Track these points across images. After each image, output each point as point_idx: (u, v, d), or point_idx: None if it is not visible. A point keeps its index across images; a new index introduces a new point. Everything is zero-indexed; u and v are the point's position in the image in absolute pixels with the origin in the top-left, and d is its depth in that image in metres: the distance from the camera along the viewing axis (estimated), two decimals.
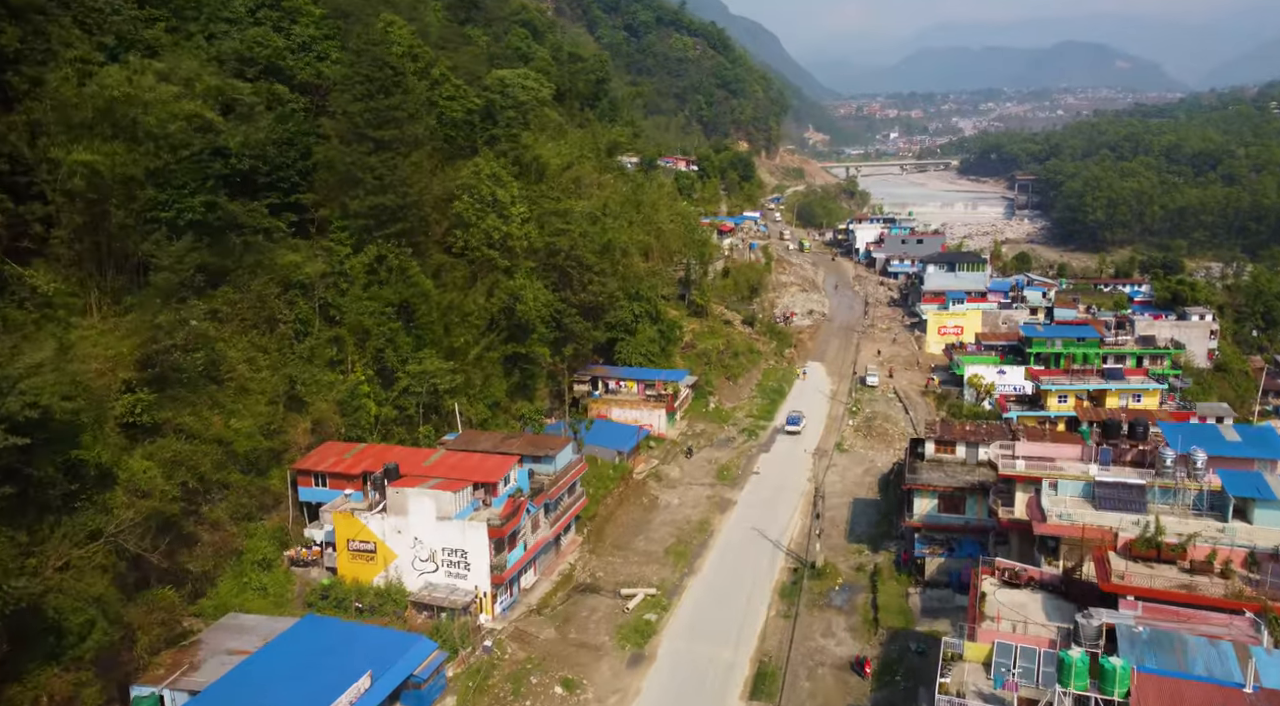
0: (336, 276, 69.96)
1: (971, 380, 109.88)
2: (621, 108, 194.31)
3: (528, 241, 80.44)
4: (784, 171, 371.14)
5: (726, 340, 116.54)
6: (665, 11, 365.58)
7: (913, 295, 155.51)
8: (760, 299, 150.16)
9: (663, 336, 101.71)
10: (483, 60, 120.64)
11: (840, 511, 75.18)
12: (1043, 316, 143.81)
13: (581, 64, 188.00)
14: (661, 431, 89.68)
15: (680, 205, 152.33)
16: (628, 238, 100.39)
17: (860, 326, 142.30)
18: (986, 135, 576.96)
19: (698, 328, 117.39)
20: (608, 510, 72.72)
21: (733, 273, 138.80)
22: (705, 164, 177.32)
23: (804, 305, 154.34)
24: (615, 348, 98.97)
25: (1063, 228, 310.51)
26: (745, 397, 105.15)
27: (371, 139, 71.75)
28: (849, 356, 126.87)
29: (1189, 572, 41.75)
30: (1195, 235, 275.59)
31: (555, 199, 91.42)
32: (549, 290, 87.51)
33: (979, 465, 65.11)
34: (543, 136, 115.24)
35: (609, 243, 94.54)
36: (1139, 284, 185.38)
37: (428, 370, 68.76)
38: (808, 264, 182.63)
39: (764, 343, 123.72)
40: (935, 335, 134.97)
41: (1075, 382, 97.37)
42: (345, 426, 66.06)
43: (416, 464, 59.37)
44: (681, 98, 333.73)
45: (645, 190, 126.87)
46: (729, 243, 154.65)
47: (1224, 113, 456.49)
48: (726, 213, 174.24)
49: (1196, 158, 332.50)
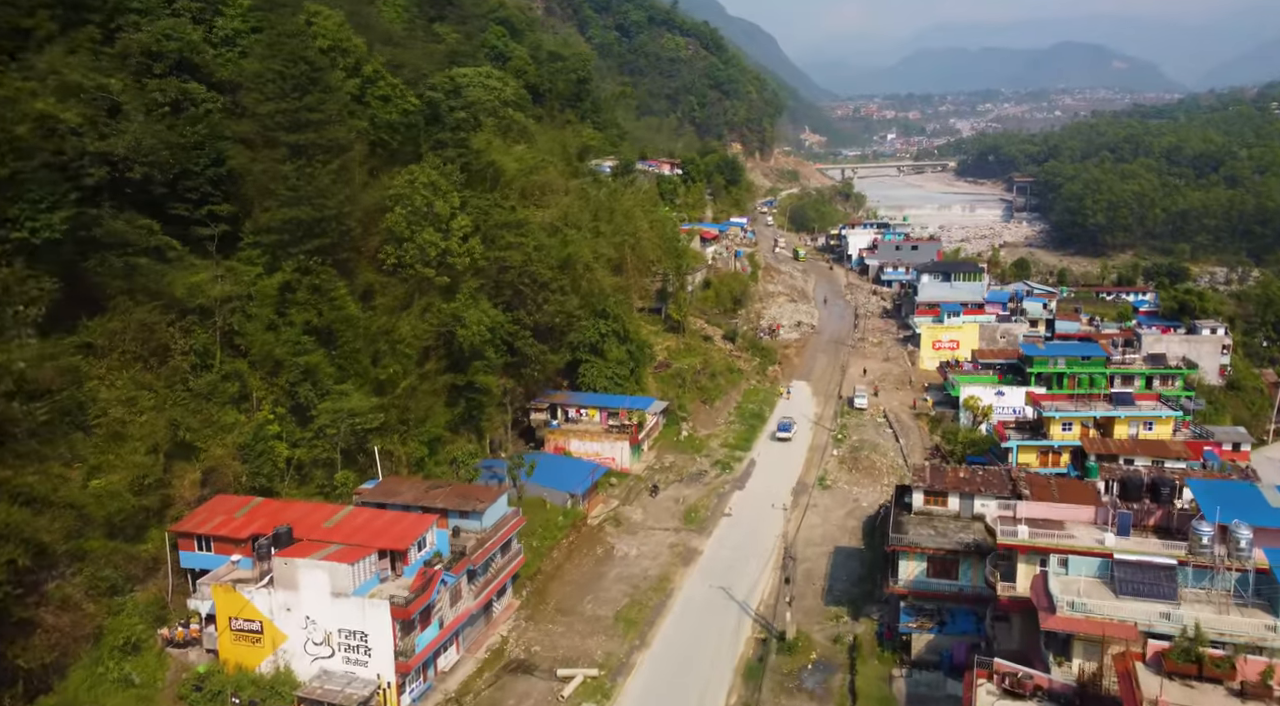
0: (245, 300, 61.00)
1: (967, 402, 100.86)
2: (604, 108, 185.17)
3: (471, 258, 71.33)
4: (778, 174, 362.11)
5: (704, 358, 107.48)
6: (657, 11, 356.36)
7: (906, 306, 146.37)
8: (745, 310, 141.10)
9: (632, 357, 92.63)
10: (441, 58, 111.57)
11: (818, 563, 66.13)
12: (1043, 328, 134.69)
13: (562, 63, 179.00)
14: (625, 466, 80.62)
15: (661, 211, 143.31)
16: (593, 250, 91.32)
17: (850, 340, 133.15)
18: (984, 136, 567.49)
19: (674, 345, 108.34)
20: (554, 564, 63.70)
21: (714, 284, 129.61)
22: (690, 167, 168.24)
23: (792, 317, 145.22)
24: (579, 371, 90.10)
25: (1062, 231, 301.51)
26: (722, 423, 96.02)
27: (285, 144, 62.75)
28: (837, 374, 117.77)
29: (1240, 696, 32.69)
30: (1198, 239, 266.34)
31: (509, 209, 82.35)
32: (500, 310, 78.69)
33: (974, 519, 56.07)
34: (507, 139, 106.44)
35: (570, 256, 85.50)
36: (1143, 292, 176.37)
37: (346, 408, 59.75)
38: (797, 272, 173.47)
39: (746, 360, 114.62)
40: (929, 350, 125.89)
41: (1081, 409, 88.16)
42: (248, 474, 57.12)
43: (316, 524, 50.31)
44: (674, 99, 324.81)
45: (620, 196, 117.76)
46: (713, 251, 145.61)
47: (1224, 113, 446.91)
48: (712, 218, 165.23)
49: (1198, 159, 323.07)
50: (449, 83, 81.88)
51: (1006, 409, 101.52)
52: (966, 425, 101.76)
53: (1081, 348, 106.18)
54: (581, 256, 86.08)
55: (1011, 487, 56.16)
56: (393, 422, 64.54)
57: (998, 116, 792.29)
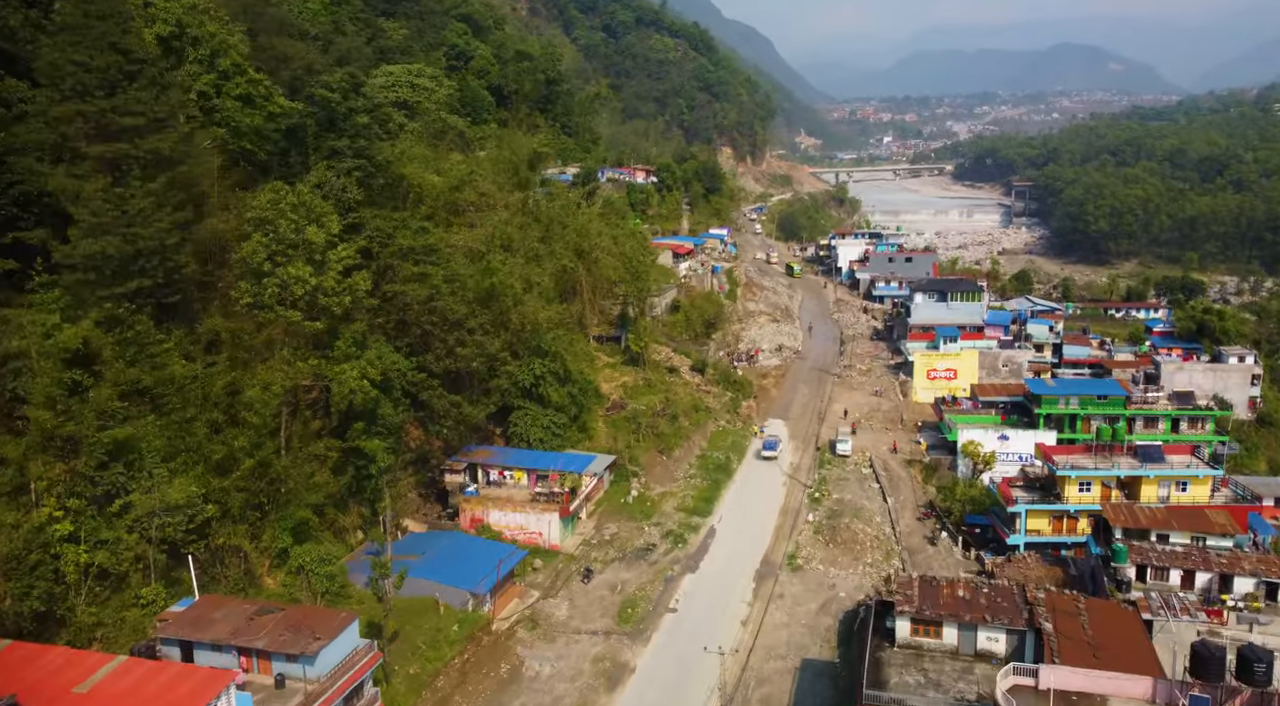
0: (34, 359, 46.52)
1: (966, 448, 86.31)
2: (576, 111, 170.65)
3: (353, 296, 56.74)
4: (770, 178, 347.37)
5: (667, 396, 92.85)
6: (646, 12, 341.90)
7: (898, 328, 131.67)
8: (722, 332, 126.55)
9: (575, 402, 78.17)
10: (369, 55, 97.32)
11: (781, 683, 51.63)
12: (1049, 354, 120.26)
13: (529, 63, 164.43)
14: (554, 542, 66.02)
15: (630, 224, 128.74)
16: (526, 276, 76.79)
17: (836, 368, 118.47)
18: (981, 139, 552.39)
19: (631, 381, 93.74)
20: (440, 695, 49.12)
21: (685, 306, 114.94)
22: (665, 175, 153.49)
23: (773, 339, 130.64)
24: (510, 419, 75.67)
25: (1063, 237, 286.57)
26: (680, 478, 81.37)
27: (90, 156, 48.29)
28: (820, 407, 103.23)
29: None
30: (1207, 247, 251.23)
31: (417, 231, 67.78)
32: (404, 355, 64.29)
33: (978, 657, 41.53)
34: (440, 147, 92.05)
35: (494, 287, 70.94)
36: (1155, 308, 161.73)
37: (159, 502, 45.29)
38: (782, 287, 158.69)
39: (716, 395, 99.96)
40: (923, 380, 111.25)
41: (1100, 465, 73.41)
42: (14, 595, 42.61)
43: (64, 689, 35.73)
44: (662, 101, 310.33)
45: (576, 210, 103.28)
46: (686, 267, 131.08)
47: (1226, 116, 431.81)
48: (688, 230, 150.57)
49: (1202, 163, 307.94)
50: (347, 80, 67.34)
51: (1011, 456, 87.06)
52: (965, 474, 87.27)
53: (1097, 385, 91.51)
54: (508, 287, 71.41)
55: (1027, 614, 41.61)
56: (236, 510, 50.00)
57: (995, 119, 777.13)
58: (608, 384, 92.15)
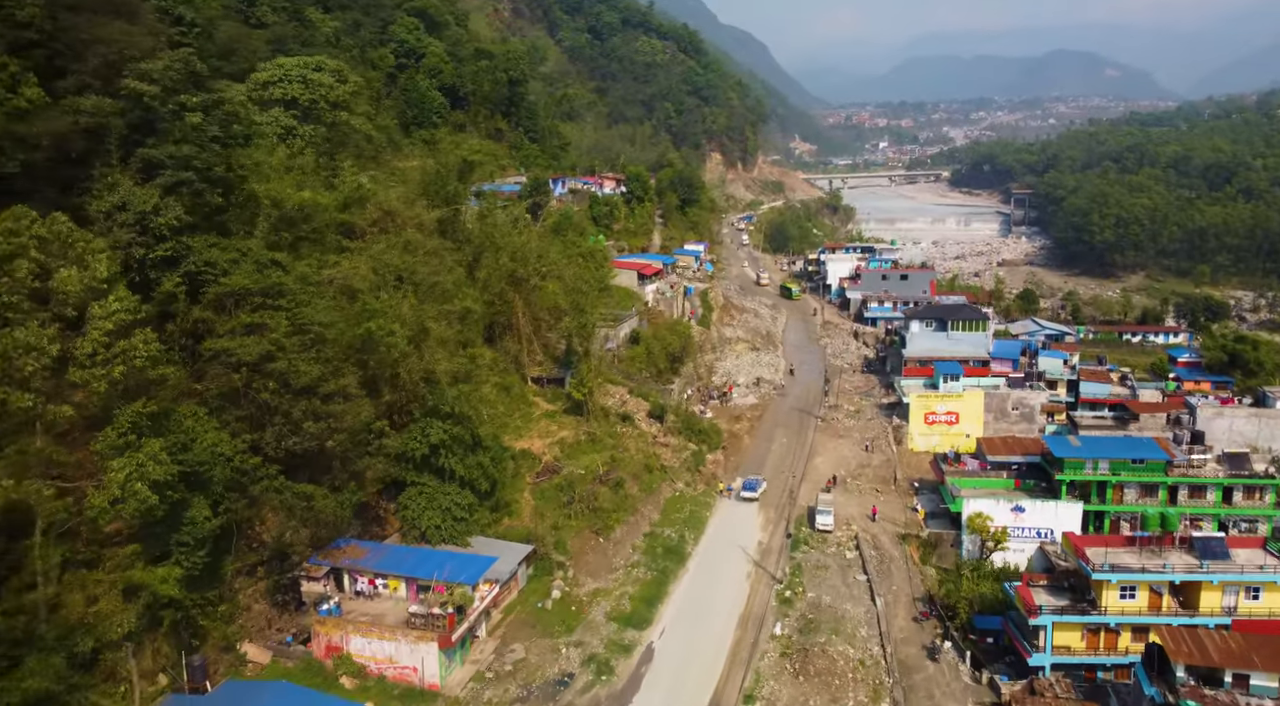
0: None
1: (973, 523, 69.72)
2: (541, 114, 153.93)
3: (126, 365, 39.92)
4: (761, 185, 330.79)
5: (614, 454, 76.04)
6: (633, 13, 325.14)
7: (892, 359, 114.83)
8: (693, 363, 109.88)
9: (486, 474, 61.36)
10: (264, 47, 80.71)
11: None
12: (1064, 392, 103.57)
13: (489, 63, 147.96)
14: (432, 681, 49.12)
15: (589, 243, 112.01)
16: (419, 317, 59.86)
17: (819, 408, 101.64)
18: (979, 145, 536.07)
19: (571, 435, 76.97)
20: None
21: (646, 338, 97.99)
22: (634, 185, 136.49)
23: (751, 371, 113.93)
24: (400, 500, 59.00)
25: (1065, 248, 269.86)
26: (620, 566, 64.51)
27: None
28: (799, 461, 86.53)
29: None
30: (1218, 259, 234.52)
31: (262, 266, 51.01)
32: (236, 432, 47.63)
33: None
34: (339, 155, 75.34)
35: (372, 334, 54.17)
36: (1175, 332, 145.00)
37: None
38: (765, 309, 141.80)
39: (675, 448, 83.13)
40: (921, 425, 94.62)
41: (1147, 563, 56.63)
42: None
43: None
44: (649, 105, 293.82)
45: (513, 229, 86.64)
46: (654, 290, 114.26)
47: (1229, 121, 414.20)
48: (660, 246, 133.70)
49: (1209, 170, 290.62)
50: (175, 69, 50.51)
51: (1027, 532, 70.56)
52: (971, 553, 70.75)
53: (1132, 445, 74.47)
54: (390, 334, 54.51)
55: None
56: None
57: (991, 124, 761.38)
58: (542, 440, 75.40)
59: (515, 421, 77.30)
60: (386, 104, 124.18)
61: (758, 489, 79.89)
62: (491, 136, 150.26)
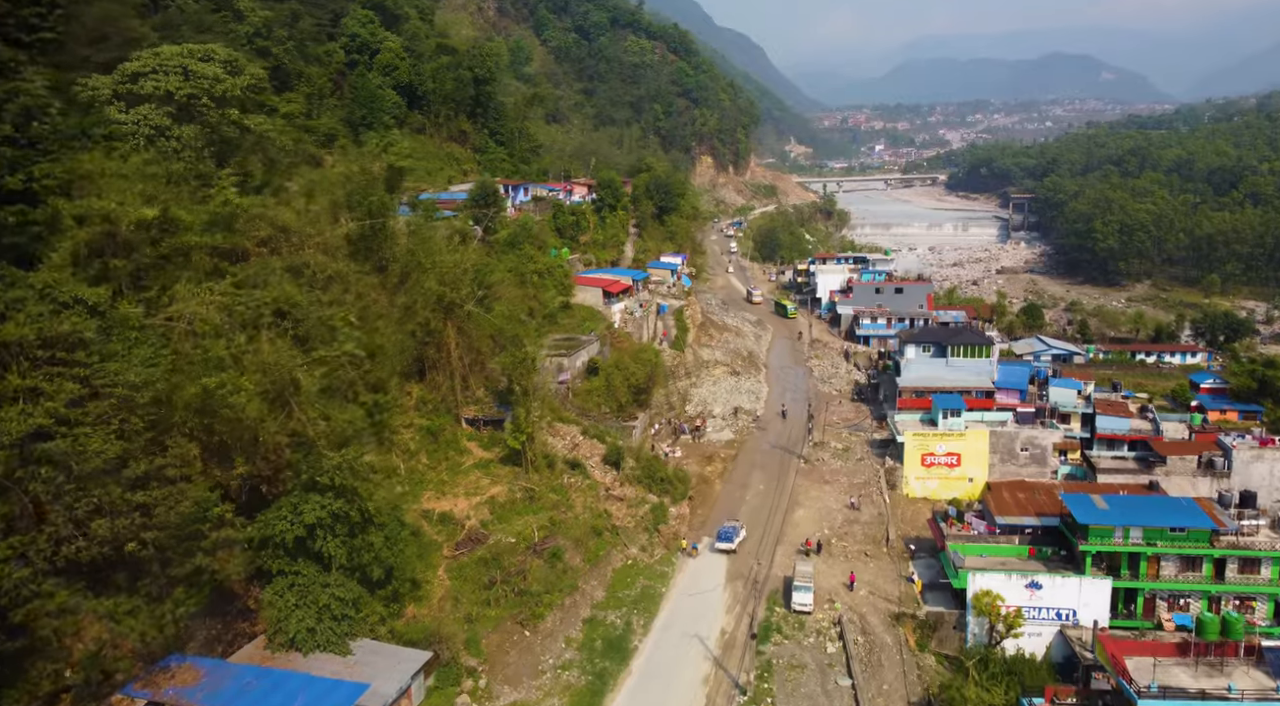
0: None
1: (980, 603, 57.25)
2: (508, 115, 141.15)
3: None
4: (753, 189, 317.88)
5: (554, 515, 63.42)
6: (621, 12, 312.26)
7: (885, 385, 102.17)
8: (666, 391, 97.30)
9: (379, 559, 48.59)
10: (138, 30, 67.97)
11: None
12: (1078, 426, 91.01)
13: (451, 59, 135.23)
14: None
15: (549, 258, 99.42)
16: (292, 370, 47.03)
17: (803, 447, 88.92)
18: (976, 148, 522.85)
19: (504, 492, 64.26)
20: None
21: (606, 368, 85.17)
22: (605, 192, 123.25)
23: (729, 399, 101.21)
24: (264, 597, 46.29)
25: (1066, 255, 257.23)
26: (549, 667, 51.77)
27: None
28: (777, 513, 73.83)
29: None
30: (1227, 268, 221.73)
31: (61, 308, 38.36)
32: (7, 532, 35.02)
33: None
34: (232, 161, 62.65)
35: (214, 392, 41.41)
36: (1193, 351, 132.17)
37: None
38: (748, 326, 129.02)
39: (632, 502, 70.38)
40: (917, 468, 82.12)
41: (1208, 684, 43.96)
42: None
43: None
44: (637, 107, 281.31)
45: (448, 246, 73.84)
46: (621, 309, 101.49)
47: (1230, 124, 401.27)
48: (632, 259, 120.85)
49: (1213, 175, 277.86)
50: None
51: (1045, 613, 58.06)
52: (979, 638, 58.21)
53: (1170, 510, 61.61)
54: (236, 396, 41.76)
55: None
56: None
57: (988, 127, 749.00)
58: (469, 499, 62.72)
59: (440, 474, 64.72)
60: (330, 103, 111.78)
61: (735, 538, 68.02)
62: (455, 139, 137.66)
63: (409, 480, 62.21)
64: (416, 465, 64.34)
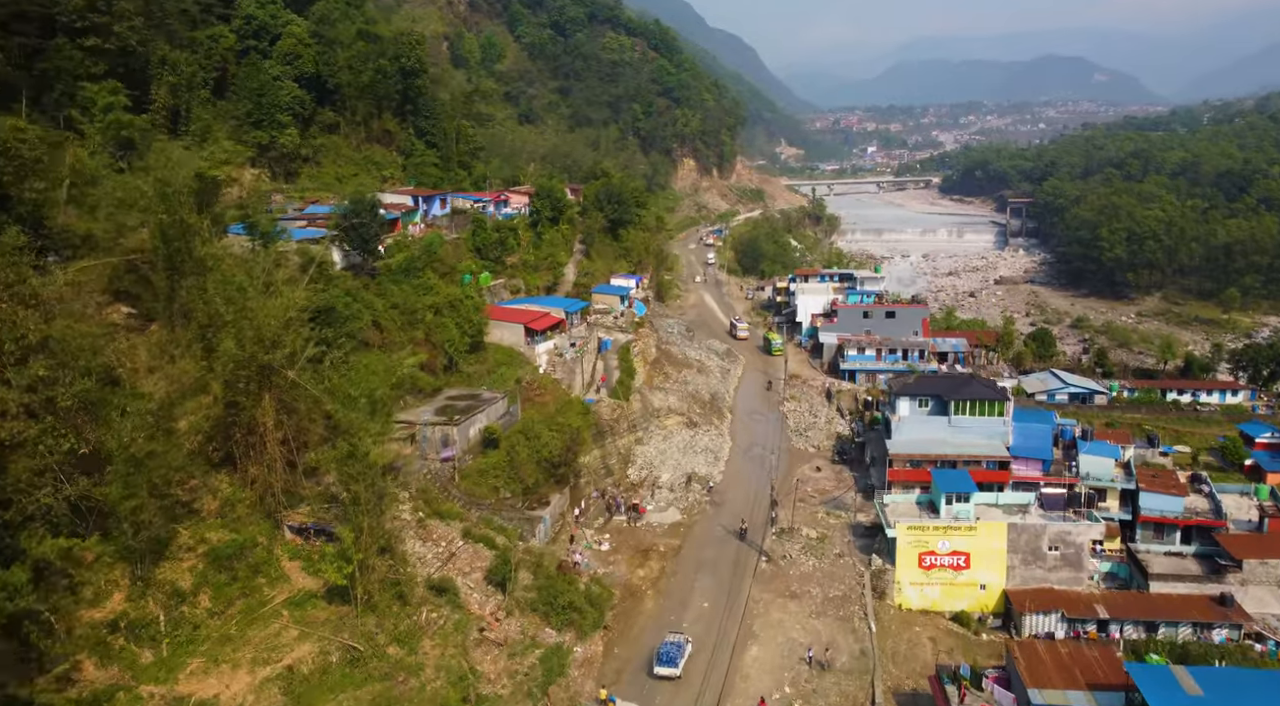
0: None
1: None
2: (443, 113, 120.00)
3: None
4: (739, 193, 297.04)
5: (384, 692, 42.48)
6: (600, 7, 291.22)
7: (873, 447, 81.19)
8: (603, 451, 76.50)
9: None
10: None
11: None
12: (1117, 506, 70.34)
13: (373, 47, 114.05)
14: None
15: (450, 290, 78.36)
16: None
17: (766, 534, 67.93)
18: (970, 150, 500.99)
19: (316, 655, 43.30)
20: None
21: (510, 439, 64.30)
22: (542, 203, 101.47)
23: (682, 460, 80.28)
24: None
25: (1069, 264, 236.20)
26: None
27: None
28: (722, 653, 53.00)
29: None
30: (1245, 280, 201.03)
31: None
32: None
33: None
34: None
35: None
36: (1234, 388, 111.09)
37: None
38: (714, 361, 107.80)
39: (515, 649, 49.42)
40: (913, 570, 61.53)
41: None
42: None
43: None
44: (615, 107, 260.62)
45: (263, 291, 52.72)
46: (549, 349, 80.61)
47: (1231, 125, 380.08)
48: (573, 283, 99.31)
49: (1221, 178, 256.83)
50: None
51: None
52: None
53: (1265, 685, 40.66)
54: None
55: None
56: None
57: (981, 129, 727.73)
58: (253, 673, 41.74)
59: (228, 625, 43.81)
60: (202, 96, 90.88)
61: (680, 659, 49.99)
62: (378, 140, 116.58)
63: (171, 641, 41.41)
64: (192, 612, 43.52)
